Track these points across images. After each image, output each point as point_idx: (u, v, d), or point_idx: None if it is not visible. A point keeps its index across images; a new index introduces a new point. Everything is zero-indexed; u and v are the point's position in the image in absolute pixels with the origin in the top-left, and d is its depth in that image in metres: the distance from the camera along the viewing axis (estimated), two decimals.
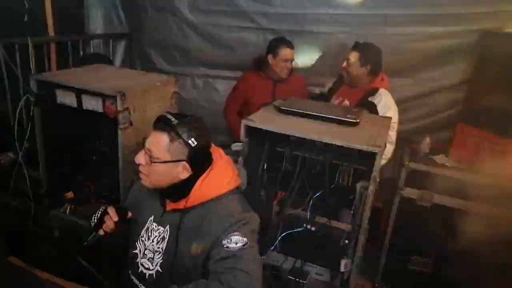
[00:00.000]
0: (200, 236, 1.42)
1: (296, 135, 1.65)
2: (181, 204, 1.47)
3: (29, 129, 2.29)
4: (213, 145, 1.53)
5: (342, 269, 1.72)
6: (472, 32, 2.91)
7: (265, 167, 1.90)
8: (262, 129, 1.69)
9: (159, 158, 1.39)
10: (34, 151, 2.28)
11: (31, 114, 2.17)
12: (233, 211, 1.43)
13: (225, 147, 1.84)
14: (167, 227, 1.50)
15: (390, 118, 2.00)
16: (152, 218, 1.55)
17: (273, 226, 1.94)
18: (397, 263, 2.60)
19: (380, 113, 2.42)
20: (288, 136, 1.68)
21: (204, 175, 1.45)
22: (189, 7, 3.48)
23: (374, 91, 2.57)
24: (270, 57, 2.94)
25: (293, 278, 1.86)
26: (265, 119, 1.76)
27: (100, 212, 1.50)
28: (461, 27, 2.91)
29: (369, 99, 2.55)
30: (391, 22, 2.97)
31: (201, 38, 3.54)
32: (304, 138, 1.63)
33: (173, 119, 1.39)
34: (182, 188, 1.45)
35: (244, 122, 1.71)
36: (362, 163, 1.75)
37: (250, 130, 1.72)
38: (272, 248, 1.92)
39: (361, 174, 1.73)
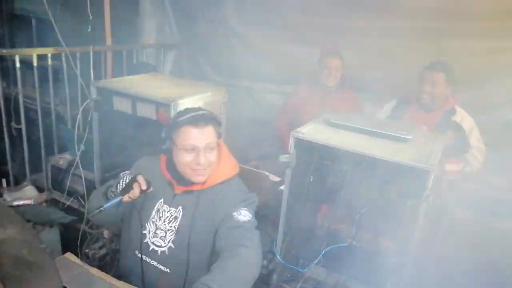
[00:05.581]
0: (213, 212, 1.64)
1: (345, 149, 1.63)
2: (196, 186, 1.66)
3: (86, 132, 2.42)
4: None
5: None
6: None
7: (311, 180, 1.89)
8: (310, 141, 1.69)
9: (214, 146, 1.64)
10: (90, 153, 2.41)
11: (89, 119, 2.29)
12: (241, 190, 1.74)
13: (267, 157, 1.85)
14: (180, 207, 1.68)
15: (446, 135, 1.93)
16: (162, 200, 1.71)
17: (317, 239, 1.92)
18: None
19: (467, 131, 2.36)
20: (337, 149, 1.67)
21: (220, 155, 1.70)
22: (237, 18, 3.57)
23: (453, 110, 2.45)
24: (317, 66, 2.96)
25: None
26: (314, 132, 1.75)
27: (129, 178, 1.57)
28: None
29: (452, 118, 2.42)
30: (450, 35, 2.85)
31: (247, 49, 3.60)
32: (353, 152, 1.62)
33: (207, 112, 1.64)
34: None
35: (293, 134, 1.72)
36: (413, 180, 1.69)
37: (299, 142, 1.72)
38: (316, 261, 1.89)
39: (412, 191, 1.68)
